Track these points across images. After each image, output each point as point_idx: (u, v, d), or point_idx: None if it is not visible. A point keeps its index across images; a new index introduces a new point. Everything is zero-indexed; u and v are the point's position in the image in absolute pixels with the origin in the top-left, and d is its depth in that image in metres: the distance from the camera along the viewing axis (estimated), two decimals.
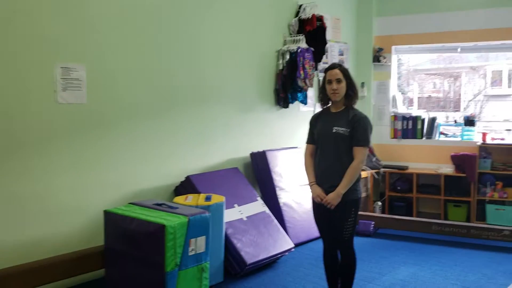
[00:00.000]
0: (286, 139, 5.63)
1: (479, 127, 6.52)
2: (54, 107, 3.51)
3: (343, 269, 3.40)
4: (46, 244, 3.51)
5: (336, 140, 3.23)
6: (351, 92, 3.28)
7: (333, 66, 3.30)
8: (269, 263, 4.33)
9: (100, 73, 3.78)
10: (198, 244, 3.29)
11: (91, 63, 3.72)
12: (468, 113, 6.93)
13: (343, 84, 3.24)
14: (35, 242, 3.46)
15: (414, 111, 7.17)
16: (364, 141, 3.22)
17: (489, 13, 6.08)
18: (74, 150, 3.65)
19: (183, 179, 4.40)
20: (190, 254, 3.23)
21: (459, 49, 6.47)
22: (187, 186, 4.34)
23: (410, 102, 9.38)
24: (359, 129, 3.20)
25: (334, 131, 3.22)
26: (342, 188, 3.18)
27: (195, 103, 4.57)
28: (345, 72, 3.27)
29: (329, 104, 3.38)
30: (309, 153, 3.43)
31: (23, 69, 3.34)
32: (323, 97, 3.37)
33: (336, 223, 3.28)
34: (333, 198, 3.18)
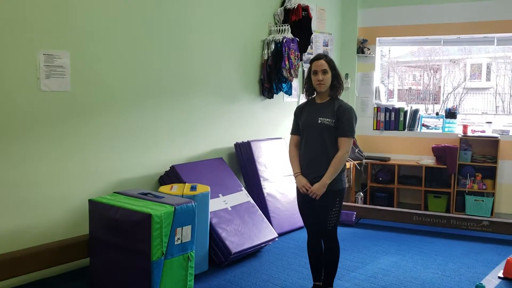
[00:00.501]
0: (271, 130, 5.64)
1: (458, 119, 6.62)
2: (37, 95, 3.45)
3: (327, 258, 3.44)
4: (29, 233, 3.47)
5: (321, 131, 3.24)
6: (337, 83, 3.29)
7: (318, 57, 3.31)
8: (253, 253, 4.36)
9: (84, 60, 3.73)
10: (184, 233, 3.29)
11: (75, 50, 3.66)
12: (447, 105, 7.03)
13: (329, 75, 3.25)
14: (18, 231, 3.42)
15: (395, 103, 7.22)
16: (349, 132, 3.24)
17: (473, 6, 6.13)
18: (58, 139, 3.61)
19: (167, 168, 4.39)
20: (176, 243, 3.23)
21: (442, 42, 6.53)
22: (171, 175, 4.32)
23: (390, 94, 9.49)
24: (345, 120, 3.22)
25: (319, 122, 3.24)
26: (327, 178, 3.20)
27: (180, 93, 4.54)
28: (330, 63, 3.28)
29: (314, 95, 3.39)
30: (294, 143, 3.45)
31: (5, 56, 3.27)
32: (308, 88, 3.38)
33: (321, 213, 3.31)
34: (318, 188, 3.21)
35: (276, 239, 4.55)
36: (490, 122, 6.25)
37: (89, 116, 3.80)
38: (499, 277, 3.95)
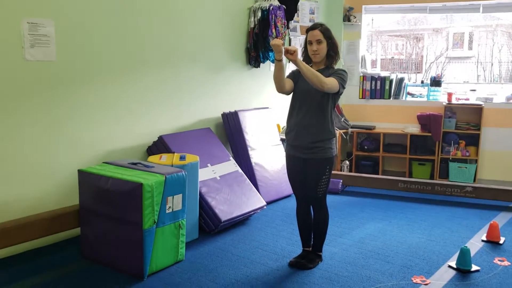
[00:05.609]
0: (258, 99, 5.63)
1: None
2: (22, 64, 3.38)
3: (316, 225, 3.49)
4: (19, 205, 3.46)
5: (315, 97, 3.23)
6: (332, 53, 3.29)
7: (313, 27, 3.28)
8: (242, 220, 4.40)
9: (70, 29, 3.65)
10: (175, 202, 3.32)
11: (60, 18, 3.58)
12: (430, 74, 7.08)
13: (324, 45, 3.24)
14: (7, 203, 3.39)
15: (378, 72, 7.23)
16: (339, 79, 3.19)
17: None
18: (44, 109, 3.55)
19: (155, 139, 4.37)
20: (167, 211, 3.26)
21: (427, 10, 6.52)
22: (159, 146, 4.31)
23: (373, 63, 9.53)
24: (335, 75, 3.22)
25: (313, 87, 3.23)
26: (301, 62, 3.07)
27: (166, 62, 4.49)
28: (325, 32, 3.25)
29: (311, 64, 3.38)
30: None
31: None
32: (305, 57, 3.36)
33: (311, 181, 3.34)
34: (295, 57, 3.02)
35: (265, 207, 4.59)
36: (474, 90, 6.31)
37: (76, 86, 3.74)
38: (483, 240, 4.06)
